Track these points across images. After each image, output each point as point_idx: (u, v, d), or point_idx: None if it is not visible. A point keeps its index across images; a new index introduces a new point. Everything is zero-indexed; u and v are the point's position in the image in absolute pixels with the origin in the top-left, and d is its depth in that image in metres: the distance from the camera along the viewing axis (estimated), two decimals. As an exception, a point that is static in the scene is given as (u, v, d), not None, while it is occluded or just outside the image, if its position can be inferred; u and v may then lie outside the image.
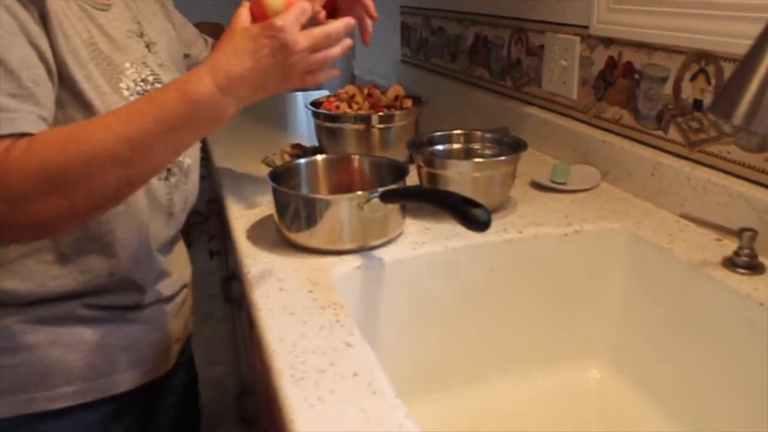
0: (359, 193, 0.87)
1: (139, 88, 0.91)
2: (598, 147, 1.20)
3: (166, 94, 0.70)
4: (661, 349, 0.96)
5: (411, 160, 1.25)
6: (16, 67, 0.72)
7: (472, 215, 0.71)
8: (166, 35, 1.04)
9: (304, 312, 0.76)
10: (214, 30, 3.51)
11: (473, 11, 1.69)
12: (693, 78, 1.01)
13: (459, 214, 0.73)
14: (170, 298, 1.04)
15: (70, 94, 0.81)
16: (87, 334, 0.92)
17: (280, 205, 0.93)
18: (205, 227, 3.03)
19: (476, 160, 1.02)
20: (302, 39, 0.73)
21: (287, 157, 1.30)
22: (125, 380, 0.96)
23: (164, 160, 0.75)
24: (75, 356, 0.91)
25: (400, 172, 0.96)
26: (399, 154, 1.24)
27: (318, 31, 0.75)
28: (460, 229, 0.97)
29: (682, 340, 0.92)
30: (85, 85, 0.81)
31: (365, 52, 2.59)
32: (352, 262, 0.89)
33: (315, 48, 0.75)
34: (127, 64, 0.91)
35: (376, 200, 0.87)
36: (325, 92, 1.83)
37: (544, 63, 1.39)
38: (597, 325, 1.04)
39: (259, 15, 0.76)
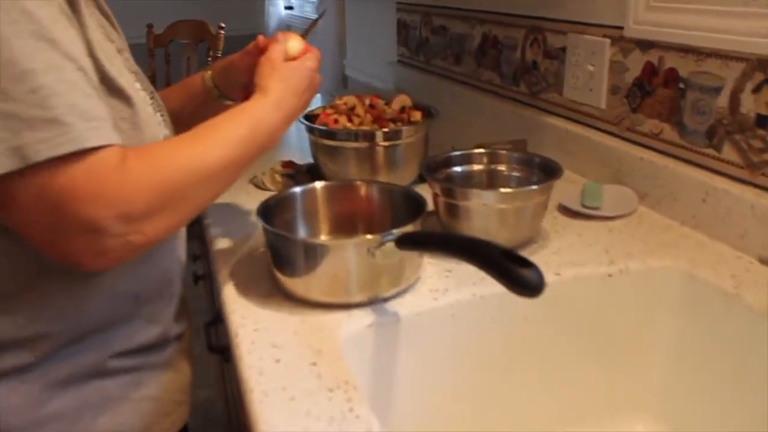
0: (369, 236, 0.72)
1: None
2: (635, 165, 1.05)
3: (261, 123, 0.75)
4: (719, 407, 0.81)
5: (420, 179, 1.10)
6: (82, 62, 0.61)
7: (519, 277, 0.56)
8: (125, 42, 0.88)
9: (308, 396, 0.60)
10: (196, 28, 3.33)
11: (480, 8, 1.53)
12: (756, 89, 0.86)
13: (502, 274, 0.57)
14: (182, 335, 0.90)
15: (108, 91, 0.68)
16: (113, 389, 0.77)
17: (274, 248, 0.77)
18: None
19: (503, 190, 0.86)
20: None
21: (278, 177, 1.14)
22: None
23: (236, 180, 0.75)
24: (105, 419, 0.76)
25: (417, 205, 0.80)
26: (407, 174, 1.09)
27: (318, 56, 0.85)
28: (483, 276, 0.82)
29: (746, 398, 0.77)
30: (121, 81, 0.69)
31: (357, 51, 2.42)
32: (362, 318, 0.74)
33: None
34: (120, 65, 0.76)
35: (390, 245, 0.71)
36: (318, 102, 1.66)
37: (566, 67, 1.24)
38: (644, 377, 0.89)
39: None
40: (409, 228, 0.73)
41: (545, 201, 0.88)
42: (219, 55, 3.04)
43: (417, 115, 1.10)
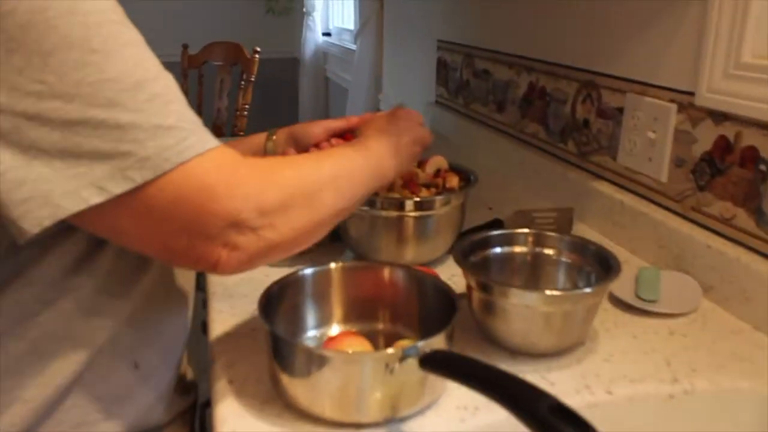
0: (390, 351, 0.60)
1: None
2: (699, 252, 0.92)
3: (370, 152, 0.77)
4: None
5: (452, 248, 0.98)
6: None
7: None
8: None
9: None
10: (231, 50, 3.26)
11: (529, 56, 1.41)
12: None
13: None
14: (187, 411, 0.82)
15: None
16: None
17: (275, 349, 0.65)
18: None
19: (549, 292, 0.73)
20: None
21: (295, 238, 1.03)
22: None
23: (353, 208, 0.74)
24: None
25: (448, 303, 0.68)
26: (438, 246, 0.97)
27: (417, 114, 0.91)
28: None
29: None
30: None
31: (394, 88, 2.32)
32: (374, 443, 0.62)
33: None
34: None
35: (412, 361, 0.59)
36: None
37: (623, 130, 1.11)
38: None
39: None
40: (438, 340, 0.61)
41: (598, 303, 0.75)
42: (252, 79, 2.97)
43: (453, 181, 0.97)
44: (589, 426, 0.45)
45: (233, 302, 0.88)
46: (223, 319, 0.83)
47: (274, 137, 0.96)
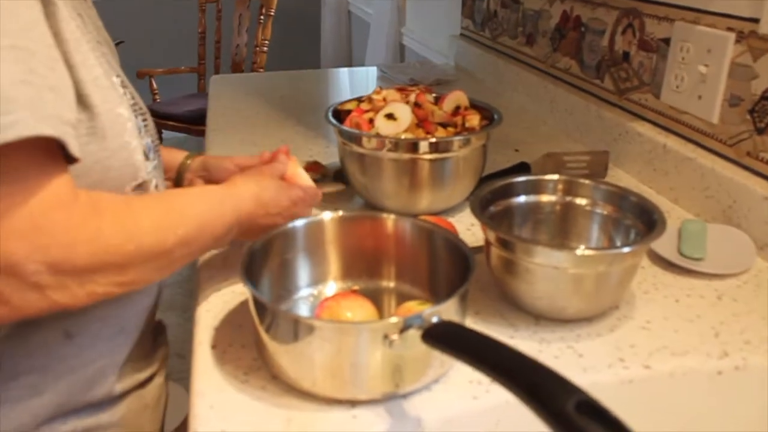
0: (393, 320, 0.50)
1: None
2: (755, 204, 0.80)
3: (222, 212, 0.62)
4: None
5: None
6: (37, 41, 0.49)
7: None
8: (107, 37, 0.71)
9: None
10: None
11: (564, -19, 1.27)
12: None
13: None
14: (149, 380, 0.73)
15: None
16: None
17: (260, 315, 0.56)
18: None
19: (581, 252, 0.63)
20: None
21: (299, 183, 0.93)
22: None
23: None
24: None
25: (461, 261, 0.58)
26: (456, 193, 0.87)
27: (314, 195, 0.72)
28: (545, 357, 0.61)
29: None
30: (80, 73, 0.56)
31: (418, 18, 2.17)
32: (370, 423, 0.53)
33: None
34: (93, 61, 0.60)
35: (414, 333, 0.50)
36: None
37: (668, 64, 0.98)
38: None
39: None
40: (447, 308, 0.52)
41: (637, 264, 0.65)
42: (272, 13, 2.84)
43: (474, 120, 0.86)
44: (613, 420, 0.35)
45: (226, 251, 0.79)
46: (213, 272, 0.75)
47: (190, 162, 0.83)
